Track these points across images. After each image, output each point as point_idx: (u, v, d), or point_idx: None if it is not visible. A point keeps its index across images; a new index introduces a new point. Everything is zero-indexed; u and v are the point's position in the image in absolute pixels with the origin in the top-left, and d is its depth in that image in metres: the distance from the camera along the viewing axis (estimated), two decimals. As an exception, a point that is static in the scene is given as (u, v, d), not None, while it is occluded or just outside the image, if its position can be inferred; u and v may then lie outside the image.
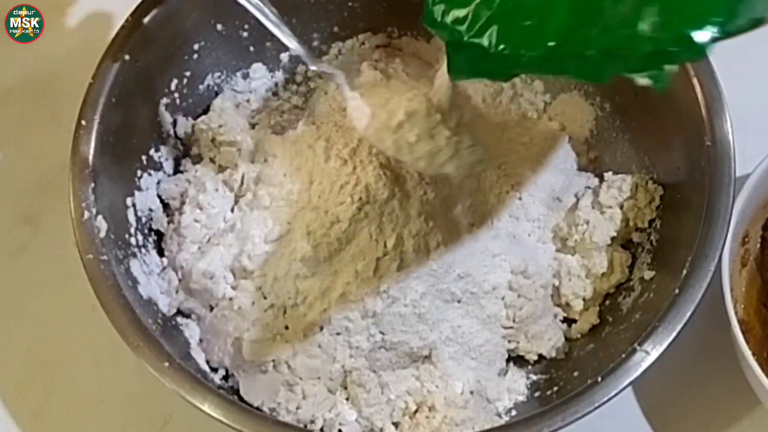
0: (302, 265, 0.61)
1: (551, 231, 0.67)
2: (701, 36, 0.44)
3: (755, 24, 0.43)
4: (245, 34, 0.72)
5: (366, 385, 0.61)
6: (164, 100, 0.68)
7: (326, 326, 0.61)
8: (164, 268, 0.65)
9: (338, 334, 0.61)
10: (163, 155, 0.69)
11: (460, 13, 0.48)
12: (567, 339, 0.66)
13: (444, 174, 0.59)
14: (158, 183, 0.68)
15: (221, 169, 0.68)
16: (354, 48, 0.74)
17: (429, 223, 0.61)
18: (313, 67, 0.64)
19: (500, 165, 0.66)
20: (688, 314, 0.56)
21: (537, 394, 0.64)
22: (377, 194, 0.59)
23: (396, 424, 0.62)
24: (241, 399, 0.60)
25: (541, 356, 0.65)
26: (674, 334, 0.56)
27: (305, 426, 0.60)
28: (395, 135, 0.57)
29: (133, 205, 0.65)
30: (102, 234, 0.59)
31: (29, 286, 0.72)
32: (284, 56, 0.75)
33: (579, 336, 0.66)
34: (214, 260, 0.63)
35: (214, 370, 0.63)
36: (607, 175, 0.68)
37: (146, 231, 0.66)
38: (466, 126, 0.58)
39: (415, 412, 0.62)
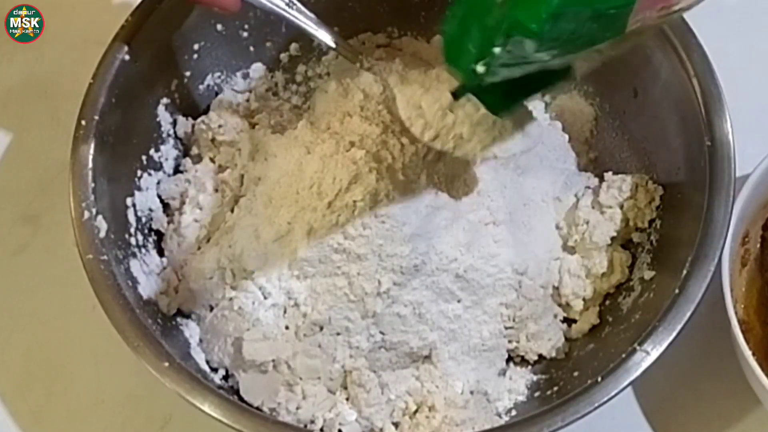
0: (302, 265, 0.61)
1: (552, 231, 0.67)
2: None
3: None
4: (245, 34, 0.72)
5: (366, 385, 0.61)
6: (164, 100, 0.68)
7: (326, 326, 0.61)
8: (164, 268, 0.65)
9: (338, 334, 0.61)
10: (163, 155, 0.69)
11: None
12: (567, 339, 0.66)
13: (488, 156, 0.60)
14: (158, 183, 0.68)
15: (221, 169, 0.68)
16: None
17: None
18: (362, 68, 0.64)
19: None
20: (688, 314, 0.56)
21: (537, 394, 0.64)
22: (379, 195, 0.59)
23: (396, 424, 0.62)
24: (241, 399, 0.60)
25: (541, 356, 0.65)
26: (674, 334, 0.56)
27: (305, 426, 0.60)
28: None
29: (133, 205, 0.65)
30: (102, 234, 0.59)
31: (29, 286, 0.72)
32: (284, 56, 0.75)
33: (579, 336, 0.66)
34: (213, 260, 0.63)
35: (214, 370, 0.63)
36: (607, 175, 0.68)
37: (146, 231, 0.66)
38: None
39: (415, 412, 0.62)
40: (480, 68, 0.47)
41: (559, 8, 0.43)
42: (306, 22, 0.62)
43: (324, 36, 0.63)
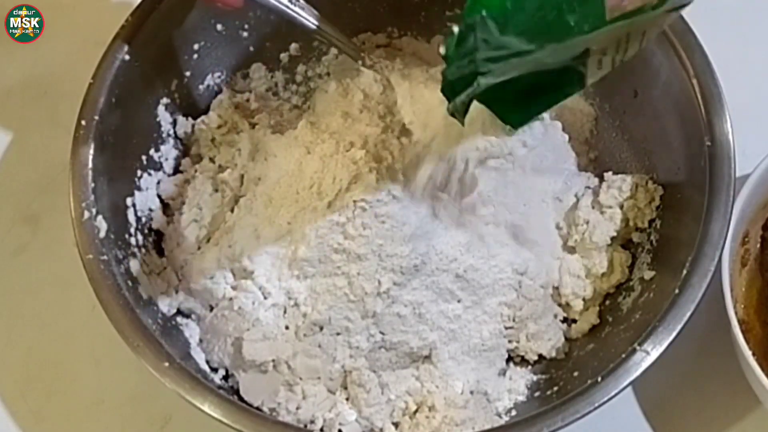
0: (302, 265, 0.61)
1: (552, 231, 0.67)
2: None
3: None
4: (245, 34, 0.72)
5: (366, 385, 0.61)
6: (164, 100, 0.68)
7: (326, 326, 0.61)
8: (164, 268, 0.65)
9: (338, 334, 0.61)
10: (163, 155, 0.69)
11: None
12: (567, 339, 0.66)
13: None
14: (158, 183, 0.68)
15: (221, 169, 0.68)
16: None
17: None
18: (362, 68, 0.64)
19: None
20: (688, 314, 0.56)
21: (537, 394, 0.64)
22: (378, 194, 0.59)
23: (396, 424, 0.62)
24: (241, 399, 0.60)
25: (541, 356, 0.65)
26: (674, 334, 0.56)
27: (305, 426, 0.60)
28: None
29: (133, 205, 0.65)
30: (102, 234, 0.59)
31: (29, 286, 0.72)
32: (284, 56, 0.75)
33: (579, 336, 0.66)
34: (213, 260, 0.63)
35: (214, 370, 0.63)
36: (607, 175, 0.68)
37: (146, 231, 0.66)
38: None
39: (415, 412, 0.62)
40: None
41: None
42: (309, 19, 0.62)
43: (327, 34, 0.63)
